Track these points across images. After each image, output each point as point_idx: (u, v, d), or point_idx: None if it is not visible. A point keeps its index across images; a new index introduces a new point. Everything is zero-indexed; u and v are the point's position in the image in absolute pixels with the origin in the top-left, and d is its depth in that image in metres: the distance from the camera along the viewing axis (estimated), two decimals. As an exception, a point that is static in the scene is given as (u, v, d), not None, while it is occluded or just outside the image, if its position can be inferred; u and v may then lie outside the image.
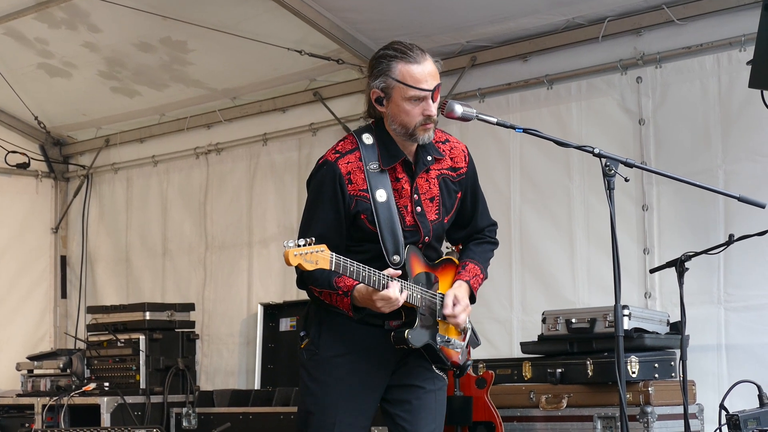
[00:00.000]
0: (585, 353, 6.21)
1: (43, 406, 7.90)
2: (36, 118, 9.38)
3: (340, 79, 7.99)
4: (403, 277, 4.10)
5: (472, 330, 4.47)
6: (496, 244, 4.53)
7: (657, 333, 6.20)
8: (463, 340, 4.36)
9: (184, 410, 7.80)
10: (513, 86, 7.31)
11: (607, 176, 4.05)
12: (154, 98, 8.87)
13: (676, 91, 6.65)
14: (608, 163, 4.04)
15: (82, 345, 8.59)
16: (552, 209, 7.10)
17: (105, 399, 7.74)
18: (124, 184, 9.60)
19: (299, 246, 3.79)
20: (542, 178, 7.15)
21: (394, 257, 4.10)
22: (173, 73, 8.42)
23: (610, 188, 4.05)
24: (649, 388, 5.92)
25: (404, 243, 4.14)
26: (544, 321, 6.44)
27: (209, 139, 8.95)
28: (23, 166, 9.64)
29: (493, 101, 7.36)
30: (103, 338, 8.27)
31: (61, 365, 8.33)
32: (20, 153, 9.59)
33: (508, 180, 7.27)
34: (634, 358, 5.95)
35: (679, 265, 5.71)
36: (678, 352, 5.97)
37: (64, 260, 9.92)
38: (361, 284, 4.01)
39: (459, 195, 4.34)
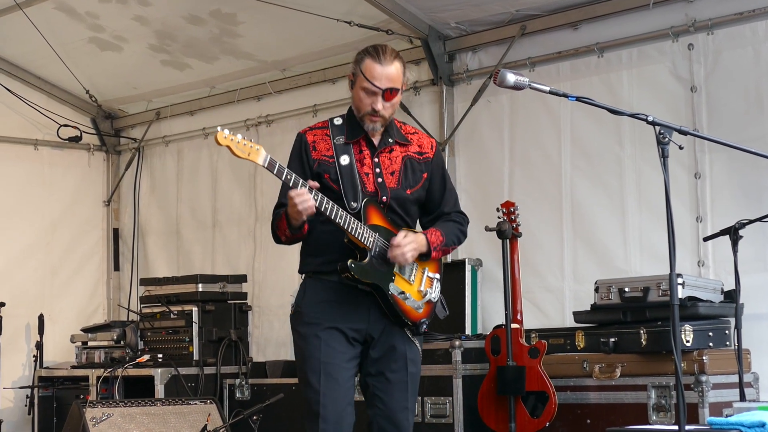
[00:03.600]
0: (638, 322, 6.19)
1: (98, 377, 7.97)
2: (87, 91, 9.44)
3: (390, 49, 7.96)
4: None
5: (441, 301, 4.80)
6: (461, 223, 4.92)
7: (711, 301, 6.16)
8: (421, 299, 4.71)
9: (237, 381, 7.85)
10: (563, 55, 7.26)
11: (661, 144, 4.02)
12: (204, 71, 8.90)
13: (728, 57, 6.58)
14: (662, 131, 4.02)
15: (135, 317, 8.66)
16: (603, 178, 7.07)
17: (159, 371, 7.80)
18: (174, 157, 9.65)
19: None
20: (593, 146, 7.11)
21: (352, 203, 4.62)
22: (223, 45, 8.44)
23: (664, 156, 4.03)
24: (704, 357, 5.90)
25: (363, 196, 4.65)
26: (596, 290, 6.41)
27: (259, 111, 8.96)
28: (75, 140, 9.68)
29: (543, 70, 7.32)
30: (156, 310, 8.32)
31: (115, 337, 8.39)
32: (72, 127, 9.64)
33: (559, 149, 7.24)
34: (688, 327, 5.92)
35: (733, 233, 5.69)
36: (732, 320, 5.93)
37: (116, 233, 10.00)
38: None
39: (425, 175, 4.83)
